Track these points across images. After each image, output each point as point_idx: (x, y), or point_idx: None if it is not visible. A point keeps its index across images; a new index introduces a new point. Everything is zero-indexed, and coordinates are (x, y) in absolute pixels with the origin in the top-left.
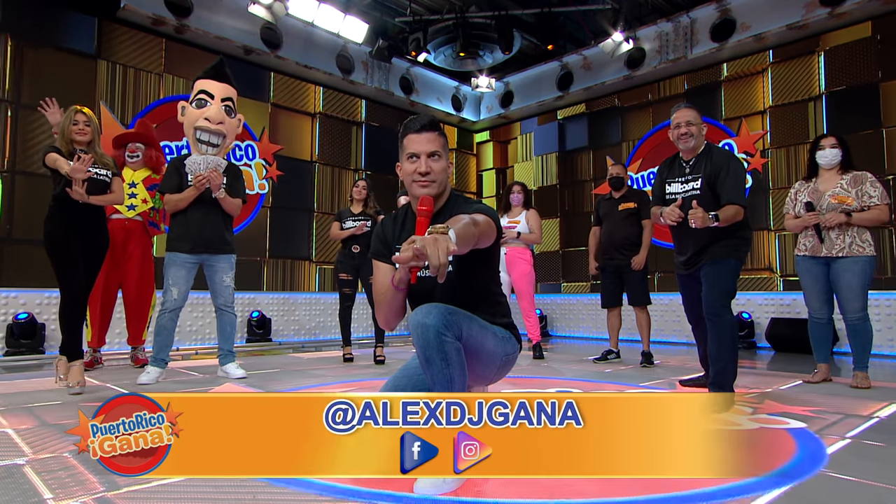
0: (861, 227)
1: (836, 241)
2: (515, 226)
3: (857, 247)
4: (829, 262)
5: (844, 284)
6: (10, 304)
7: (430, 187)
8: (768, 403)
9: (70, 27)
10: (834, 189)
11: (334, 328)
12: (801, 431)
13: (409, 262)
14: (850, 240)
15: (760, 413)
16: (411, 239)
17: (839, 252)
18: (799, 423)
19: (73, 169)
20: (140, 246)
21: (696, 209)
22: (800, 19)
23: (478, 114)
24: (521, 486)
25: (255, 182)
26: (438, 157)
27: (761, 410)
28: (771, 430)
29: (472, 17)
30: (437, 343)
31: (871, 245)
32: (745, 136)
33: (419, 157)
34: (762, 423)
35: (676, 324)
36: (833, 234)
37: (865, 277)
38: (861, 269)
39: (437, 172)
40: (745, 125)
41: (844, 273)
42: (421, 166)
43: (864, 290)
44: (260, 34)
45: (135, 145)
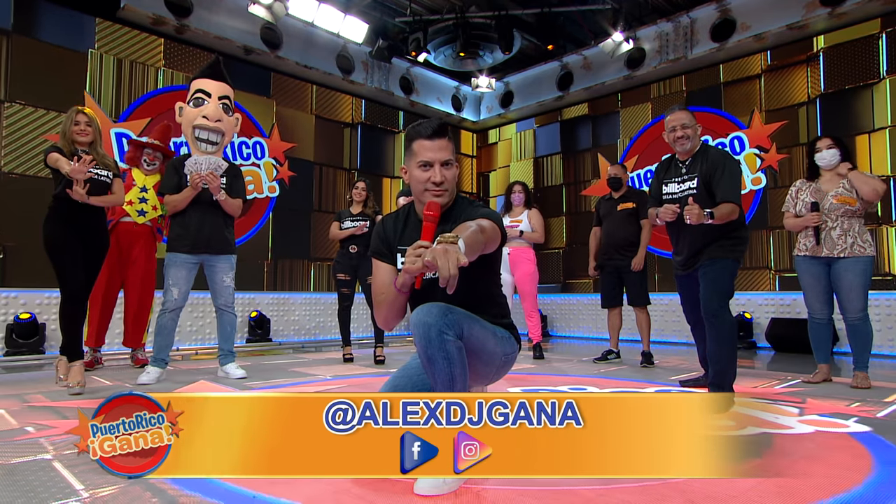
0: (861, 227)
1: (837, 242)
2: (518, 225)
3: (858, 247)
4: (829, 262)
5: (846, 285)
6: (10, 304)
7: (443, 196)
8: (810, 402)
9: (70, 26)
10: (837, 189)
11: (334, 328)
12: (870, 436)
13: (419, 272)
14: (851, 240)
15: (808, 413)
16: (418, 244)
17: (840, 252)
18: (862, 426)
19: (73, 169)
20: (145, 251)
21: (692, 205)
22: (800, 19)
23: (478, 114)
24: (521, 487)
25: (265, 184)
26: (451, 164)
27: (808, 410)
28: (830, 433)
29: (472, 17)
30: (438, 342)
31: (871, 245)
32: (757, 128)
33: (432, 166)
34: (816, 426)
35: (676, 324)
36: (835, 235)
37: (866, 277)
38: (862, 269)
39: (450, 181)
40: (758, 117)
41: (846, 273)
42: (436, 176)
43: (865, 291)
44: (260, 34)
45: (156, 154)
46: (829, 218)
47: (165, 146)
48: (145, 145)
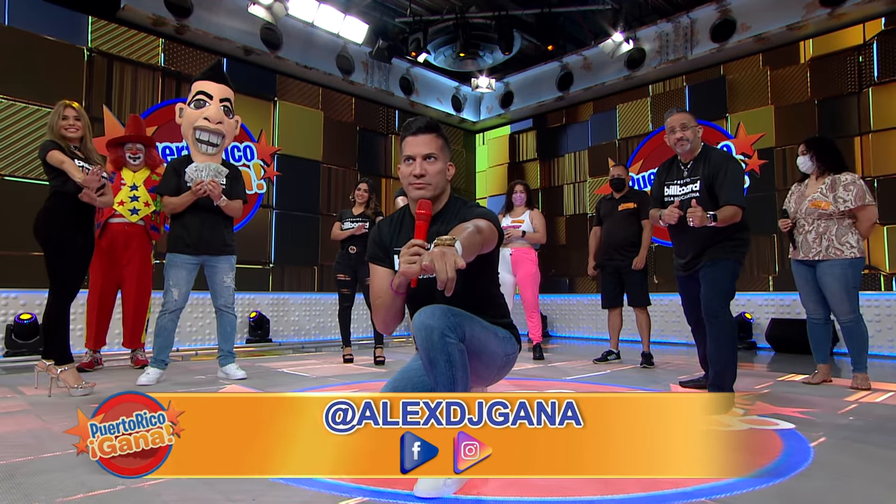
0: (840, 230)
1: (812, 245)
2: (520, 225)
3: (834, 250)
4: (812, 264)
5: (827, 288)
6: (10, 304)
7: (424, 189)
8: (759, 405)
9: (69, 25)
10: (815, 194)
11: (333, 328)
12: (790, 432)
13: (416, 275)
14: (826, 243)
15: (752, 414)
16: (412, 243)
17: (816, 255)
18: (788, 423)
19: (87, 180)
20: (140, 251)
21: (695, 208)
22: (800, 20)
23: (478, 114)
24: (521, 487)
25: (254, 182)
26: (434, 159)
27: (753, 411)
28: (759, 430)
29: (472, 18)
30: (440, 344)
31: (851, 247)
32: (742, 137)
33: (414, 160)
34: (752, 424)
35: (676, 324)
36: (810, 238)
37: (846, 280)
38: (840, 272)
39: (432, 175)
40: (743, 127)
41: (824, 277)
42: (415, 168)
43: (848, 293)
44: (260, 35)
45: (136, 147)
46: (806, 222)
47: (142, 136)
48: (123, 139)
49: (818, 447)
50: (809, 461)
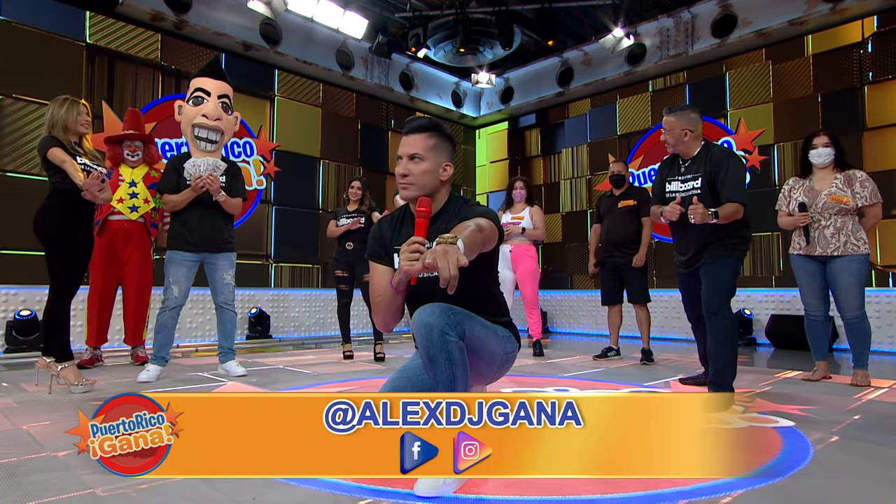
0: (855, 225)
1: (830, 241)
2: (520, 222)
3: (851, 245)
4: (824, 260)
5: (841, 284)
6: (10, 300)
7: (408, 189)
8: (759, 402)
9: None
10: (830, 189)
11: (333, 325)
12: (789, 430)
13: (419, 273)
14: (844, 238)
15: (752, 412)
16: (412, 240)
17: (834, 251)
18: (788, 421)
19: (88, 184)
20: (140, 248)
21: (697, 205)
22: (801, 15)
23: (478, 109)
24: (520, 486)
25: (254, 178)
26: (420, 159)
27: (752, 409)
28: (759, 428)
29: (472, 13)
30: (441, 343)
31: (865, 243)
32: (743, 133)
33: (402, 159)
34: (752, 422)
35: (676, 321)
36: (828, 233)
37: (861, 276)
38: (857, 267)
39: (416, 175)
40: (743, 123)
41: (840, 272)
42: (399, 167)
43: (860, 289)
44: (259, 30)
45: (134, 144)
46: (823, 217)
47: (141, 132)
48: (121, 137)
49: (818, 445)
50: (809, 459)
